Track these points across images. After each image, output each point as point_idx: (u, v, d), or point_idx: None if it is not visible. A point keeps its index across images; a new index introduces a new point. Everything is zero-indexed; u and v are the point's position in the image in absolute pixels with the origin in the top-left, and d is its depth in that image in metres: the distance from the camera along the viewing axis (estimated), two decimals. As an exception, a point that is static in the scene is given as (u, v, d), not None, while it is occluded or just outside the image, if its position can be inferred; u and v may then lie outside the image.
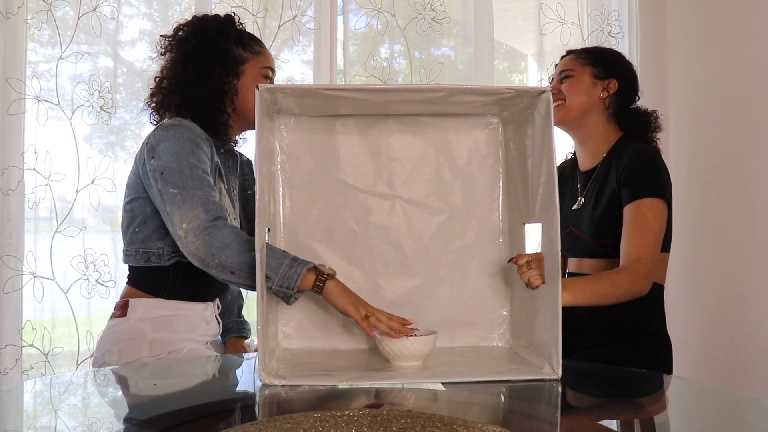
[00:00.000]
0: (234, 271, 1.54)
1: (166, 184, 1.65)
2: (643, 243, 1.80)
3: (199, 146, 1.71)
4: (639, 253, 1.79)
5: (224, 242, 1.56)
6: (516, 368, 1.42)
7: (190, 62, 1.81)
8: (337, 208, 1.68)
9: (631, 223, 1.83)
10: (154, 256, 1.80)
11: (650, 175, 1.87)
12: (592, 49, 2.10)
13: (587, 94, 1.99)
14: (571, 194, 2.10)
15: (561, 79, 2.03)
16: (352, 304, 1.49)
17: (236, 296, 2.13)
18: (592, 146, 2.03)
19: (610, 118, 2.02)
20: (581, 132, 2.03)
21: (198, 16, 1.89)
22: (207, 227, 1.58)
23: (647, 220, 1.82)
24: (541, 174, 1.43)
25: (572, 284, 1.67)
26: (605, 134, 2.01)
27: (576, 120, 2.00)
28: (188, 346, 1.80)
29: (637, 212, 1.83)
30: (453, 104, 1.56)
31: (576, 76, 2.01)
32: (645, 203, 1.83)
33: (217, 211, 1.62)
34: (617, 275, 1.75)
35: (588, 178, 2.03)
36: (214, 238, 1.57)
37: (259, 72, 1.88)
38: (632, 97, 2.04)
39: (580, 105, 1.98)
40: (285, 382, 1.31)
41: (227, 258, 1.54)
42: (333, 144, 1.68)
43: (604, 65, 2.01)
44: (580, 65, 2.02)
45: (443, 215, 1.69)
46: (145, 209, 1.79)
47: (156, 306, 1.81)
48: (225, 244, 1.55)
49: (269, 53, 1.94)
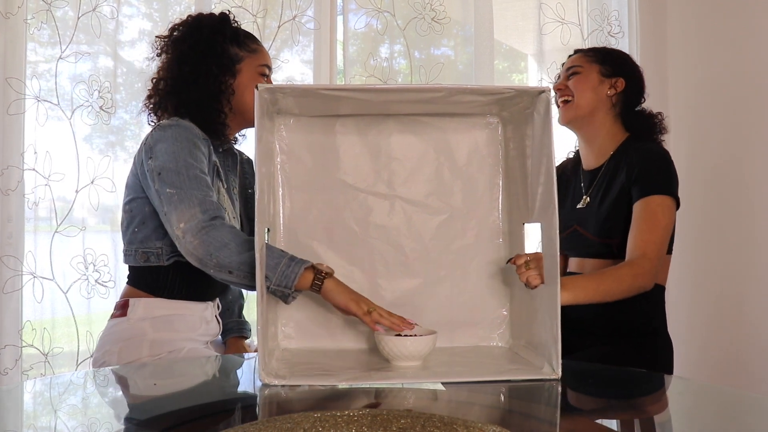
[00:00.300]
0: (232, 270, 1.54)
1: (164, 184, 1.65)
2: (650, 238, 1.80)
3: (197, 146, 1.71)
4: (645, 248, 1.78)
5: (222, 242, 1.55)
6: (516, 368, 1.41)
7: (186, 62, 1.81)
8: (337, 208, 1.68)
9: (640, 219, 1.83)
10: (153, 255, 1.80)
11: (662, 173, 1.88)
12: (600, 49, 2.12)
13: (594, 92, 2.00)
14: (575, 193, 2.10)
15: (568, 75, 2.05)
16: (354, 301, 1.49)
17: (237, 296, 2.13)
18: (598, 145, 2.03)
19: (617, 118, 2.03)
20: (588, 131, 2.04)
21: (193, 16, 1.89)
22: (204, 227, 1.58)
23: (656, 216, 1.82)
24: (541, 174, 1.43)
25: (573, 282, 1.67)
26: (612, 133, 2.02)
27: (584, 118, 2.01)
28: (188, 345, 1.80)
29: (647, 208, 1.83)
30: (453, 104, 1.56)
31: (584, 72, 2.02)
32: (655, 200, 1.83)
33: (214, 210, 1.62)
34: (620, 270, 1.74)
35: (593, 177, 2.03)
36: (212, 237, 1.57)
37: (256, 70, 1.87)
38: (638, 97, 2.05)
39: (588, 103, 1.99)
40: (285, 382, 1.30)
41: (225, 257, 1.54)
42: (333, 144, 1.68)
43: (612, 64, 2.02)
44: (588, 62, 2.03)
45: (443, 215, 1.69)
46: (144, 209, 1.79)
47: (156, 306, 1.81)
48: (223, 244, 1.55)
49: (265, 50, 1.94)
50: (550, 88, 1.39)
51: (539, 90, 1.40)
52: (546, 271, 1.42)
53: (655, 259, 1.79)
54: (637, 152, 1.92)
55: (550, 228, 1.38)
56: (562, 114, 2.05)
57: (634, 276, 1.74)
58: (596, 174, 2.02)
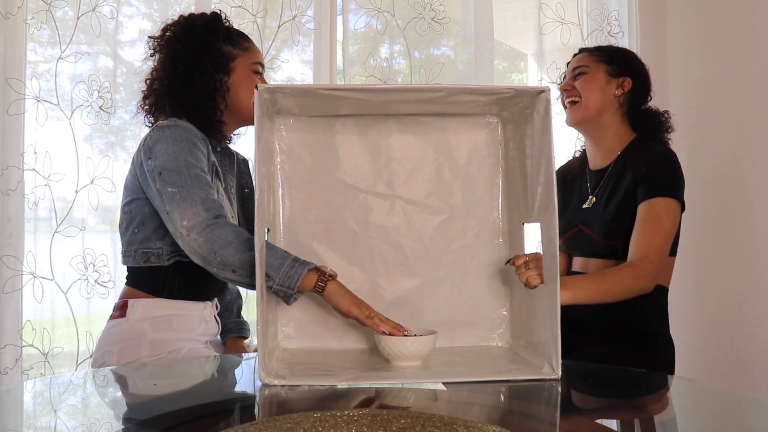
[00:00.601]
0: (235, 269, 1.54)
1: (165, 184, 1.65)
2: (652, 240, 1.79)
3: (196, 145, 1.72)
4: (647, 250, 1.78)
5: (226, 240, 1.56)
6: (516, 368, 1.41)
7: (180, 62, 1.81)
8: (337, 208, 1.68)
9: (643, 221, 1.83)
10: (154, 256, 1.80)
11: (667, 175, 1.87)
12: (606, 48, 2.10)
13: (602, 92, 1.99)
14: (581, 193, 2.09)
15: (574, 76, 2.03)
16: (356, 305, 1.49)
17: (235, 296, 2.13)
18: (605, 145, 2.02)
19: (624, 117, 2.02)
20: (595, 131, 2.03)
21: (185, 16, 1.89)
22: (209, 225, 1.59)
23: (660, 218, 1.81)
24: (540, 174, 1.43)
25: (574, 282, 1.67)
26: (619, 133, 2.01)
27: (592, 119, 2.00)
28: (188, 345, 1.80)
29: (651, 210, 1.83)
30: (452, 104, 1.56)
31: (590, 73, 2.01)
32: (659, 202, 1.83)
33: (217, 209, 1.62)
34: (621, 272, 1.74)
35: (600, 177, 2.02)
36: (216, 235, 1.57)
37: (249, 68, 1.88)
38: (645, 95, 2.04)
39: (596, 103, 1.98)
40: (285, 382, 1.30)
41: (229, 256, 1.54)
42: (333, 144, 1.68)
43: (618, 63, 2.01)
44: (594, 62, 2.02)
45: (443, 215, 1.69)
46: (144, 210, 1.80)
47: (155, 306, 1.81)
48: (227, 242, 1.55)
49: (257, 48, 1.95)
50: (549, 88, 1.38)
51: (539, 90, 1.39)
52: (546, 271, 1.42)
53: (657, 262, 1.78)
54: (644, 153, 1.91)
55: (549, 228, 1.38)
56: (569, 115, 2.04)
57: (634, 278, 1.74)
58: (603, 174, 2.02)
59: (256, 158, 1.34)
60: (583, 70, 2.02)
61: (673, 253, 1.94)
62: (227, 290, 2.07)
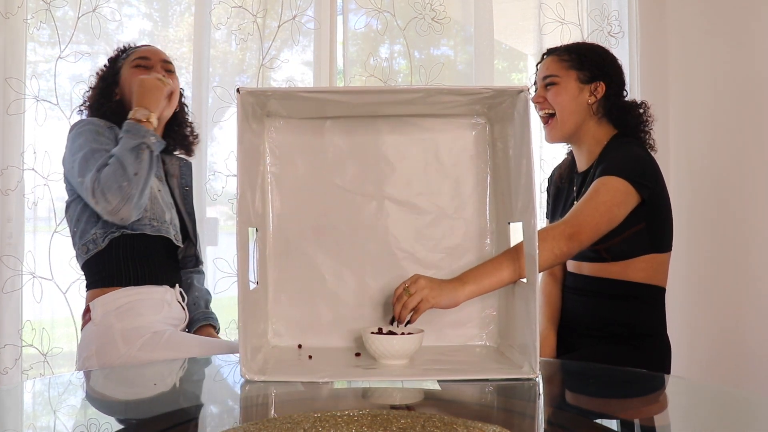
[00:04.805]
0: (136, 172, 1.79)
1: (81, 166, 1.85)
2: (578, 208, 1.75)
3: (100, 133, 1.92)
4: (568, 217, 1.74)
5: (112, 170, 1.77)
6: (497, 367, 1.42)
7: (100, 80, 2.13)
8: (327, 208, 1.69)
9: (582, 197, 1.80)
10: (92, 243, 1.91)
11: (619, 160, 1.83)
12: (575, 49, 2.01)
13: (575, 102, 1.94)
14: (570, 195, 2.08)
15: (545, 85, 1.98)
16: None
17: (203, 293, 2.20)
18: (586, 149, 1.99)
19: (601, 120, 1.97)
20: (575, 140, 2.01)
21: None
22: (97, 174, 1.78)
23: (598, 192, 1.77)
24: (521, 173, 1.43)
25: (472, 275, 1.59)
26: (597, 136, 1.97)
27: (571, 135, 1.98)
28: (160, 327, 1.88)
29: (593, 187, 1.79)
30: (439, 105, 1.56)
31: (561, 83, 1.95)
32: (602, 179, 1.79)
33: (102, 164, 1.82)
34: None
35: (584, 179, 2.01)
36: (104, 174, 1.77)
37: (130, 64, 2.07)
38: (620, 93, 1.99)
39: (573, 119, 1.95)
40: (266, 378, 1.32)
41: (123, 176, 1.76)
42: (322, 145, 1.69)
43: (590, 67, 1.95)
44: (565, 69, 1.96)
45: (431, 215, 1.69)
46: (77, 207, 1.95)
47: (113, 298, 1.89)
48: (114, 170, 1.77)
49: (147, 47, 2.13)
50: (528, 87, 1.38)
51: (518, 89, 1.39)
52: (525, 271, 1.42)
53: (575, 226, 1.71)
54: (614, 150, 1.89)
55: (529, 227, 1.38)
56: (547, 133, 2.00)
57: (542, 239, 1.63)
58: (586, 176, 2.00)
59: (238, 160, 1.36)
60: (553, 80, 1.96)
61: (667, 249, 1.92)
62: (194, 287, 2.15)
